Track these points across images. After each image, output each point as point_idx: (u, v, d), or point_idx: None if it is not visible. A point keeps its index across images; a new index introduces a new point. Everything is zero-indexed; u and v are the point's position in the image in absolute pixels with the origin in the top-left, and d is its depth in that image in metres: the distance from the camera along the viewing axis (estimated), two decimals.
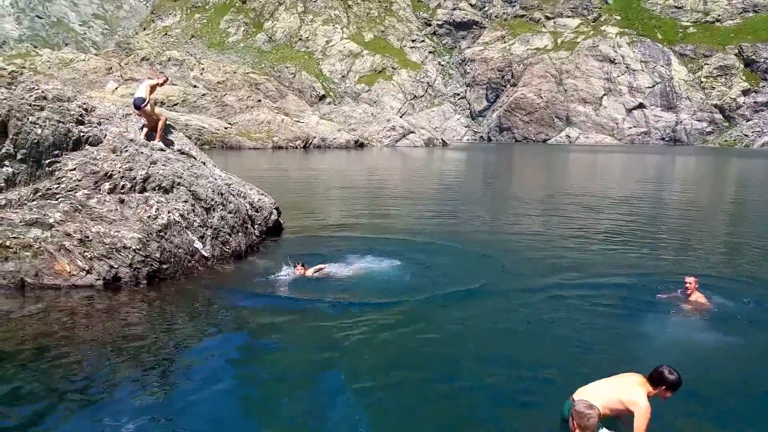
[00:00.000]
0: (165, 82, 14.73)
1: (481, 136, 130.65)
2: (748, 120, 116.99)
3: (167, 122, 14.66)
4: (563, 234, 17.31)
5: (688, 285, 10.11)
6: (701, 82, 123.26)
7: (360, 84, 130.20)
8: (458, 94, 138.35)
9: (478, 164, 56.21)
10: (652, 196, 29.09)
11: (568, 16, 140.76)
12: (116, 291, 10.22)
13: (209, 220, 12.80)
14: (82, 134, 11.91)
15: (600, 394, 5.65)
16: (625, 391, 5.61)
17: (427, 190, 30.67)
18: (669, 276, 12.25)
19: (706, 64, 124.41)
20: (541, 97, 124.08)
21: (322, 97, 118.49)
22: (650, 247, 15.71)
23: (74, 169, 11.42)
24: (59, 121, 11.48)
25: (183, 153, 14.35)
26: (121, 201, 11.62)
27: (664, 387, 5.58)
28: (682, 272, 12.50)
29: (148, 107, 13.67)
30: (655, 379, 5.61)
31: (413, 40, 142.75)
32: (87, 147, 11.94)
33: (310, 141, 70.37)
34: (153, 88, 13.89)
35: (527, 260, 13.91)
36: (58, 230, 10.42)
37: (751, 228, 20.33)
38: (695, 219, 21.40)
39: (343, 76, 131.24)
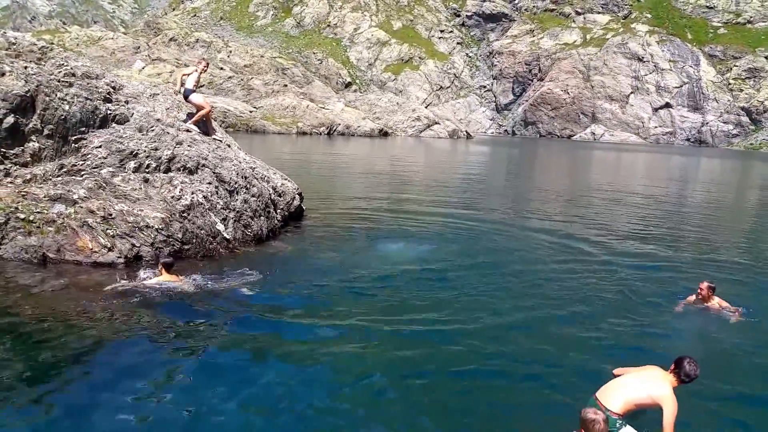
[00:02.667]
0: (206, 67, 14.74)
1: (506, 130, 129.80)
2: None
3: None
4: (584, 232, 17.10)
5: (701, 291, 9.83)
6: (729, 83, 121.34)
7: (386, 73, 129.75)
8: (484, 87, 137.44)
9: (502, 158, 55.88)
10: (676, 197, 28.71)
11: (599, 12, 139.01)
12: (137, 269, 10.22)
13: (232, 203, 12.77)
14: (109, 112, 11.90)
15: (627, 391, 5.65)
16: (654, 386, 5.60)
17: (450, 181, 30.51)
18: (688, 276, 12.13)
19: (735, 65, 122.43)
20: (568, 93, 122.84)
21: (347, 85, 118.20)
22: (672, 248, 15.47)
23: (100, 147, 11.42)
24: (87, 98, 11.47)
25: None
26: (146, 180, 11.62)
27: (689, 380, 5.68)
28: (700, 272, 12.40)
29: (194, 97, 13.91)
30: (680, 373, 5.67)
31: (441, 31, 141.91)
32: (113, 125, 11.94)
33: (334, 128, 70.30)
34: (198, 78, 14.03)
35: (546, 254, 13.90)
36: (81, 207, 10.43)
37: None
38: (719, 221, 21.08)
39: (370, 64, 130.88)
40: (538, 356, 7.93)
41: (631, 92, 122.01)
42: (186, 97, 13.99)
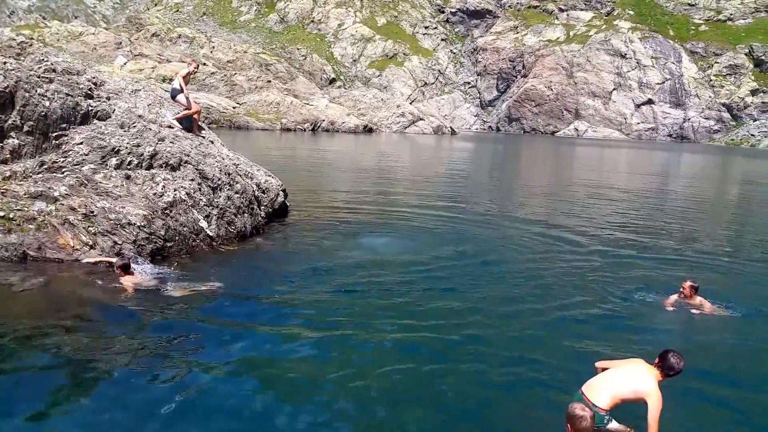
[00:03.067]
0: (197, 68, 14.76)
1: (490, 126, 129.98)
2: (755, 120, 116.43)
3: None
4: (569, 227, 17.19)
5: (683, 290, 9.88)
6: (710, 80, 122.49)
7: (371, 69, 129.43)
8: (469, 83, 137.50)
9: (486, 154, 56.04)
10: (658, 192, 28.92)
11: (582, 9, 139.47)
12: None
13: (215, 200, 12.71)
14: (90, 108, 11.79)
15: (613, 386, 5.66)
16: (639, 381, 5.61)
17: (434, 177, 30.55)
18: (671, 271, 12.27)
19: (716, 62, 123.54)
20: (552, 90, 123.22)
21: (332, 81, 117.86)
22: (656, 243, 15.57)
23: (81, 143, 11.31)
24: (68, 94, 11.36)
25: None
26: (128, 177, 11.54)
27: (674, 374, 5.66)
28: (684, 267, 12.53)
29: (182, 97, 13.89)
30: (664, 366, 5.65)
31: (426, 27, 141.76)
32: (95, 121, 11.83)
33: (318, 124, 70.08)
34: (186, 77, 14.04)
35: (531, 249, 14.00)
36: (62, 204, 10.34)
37: (755, 227, 20.18)
38: (701, 216, 21.27)
39: (354, 60, 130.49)
40: (524, 350, 7.97)
41: (614, 89, 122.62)
42: (173, 97, 14.02)
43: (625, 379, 5.67)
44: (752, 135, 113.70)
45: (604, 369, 6.05)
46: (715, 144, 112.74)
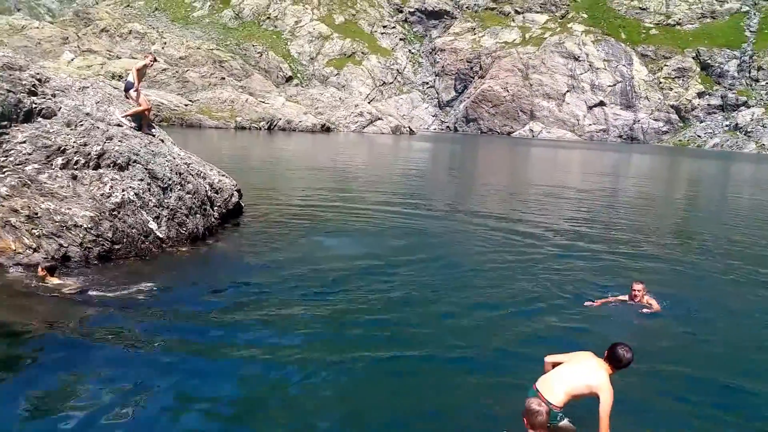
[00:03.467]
0: (153, 62, 14.42)
1: (448, 126, 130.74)
2: (701, 121, 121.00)
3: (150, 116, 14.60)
4: (523, 225, 17.29)
5: (636, 292, 9.85)
6: (660, 82, 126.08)
7: (329, 67, 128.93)
8: (427, 83, 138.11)
9: (444, 154, 56.31)
10: (610, 192, 29.39)
11: (537, 12, 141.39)
12: (65, 271, 9.79)
13: (166, 200, 12.39)
14: (34, 106, 11.35)
15: (566, 382, 5.71)
16: (591, 375, 5.64)
17: (392, 176, 30.52)
18: (621, 268, 12.61)
19: (665, 65, 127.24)
20: (508, 91, 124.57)
21: (288, 79, 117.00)
22: (606, 240, 15.76)
23: (24, 142, 10.88)
24: (9, 91, 10.90)
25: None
26: (74, 177, 11.15)
27: (623, 366, 5.69)
28: (633, 263, 12.78)
29: (133, 93, 13.66)
30: (614, 359, 5.67)
31: (384, 26, 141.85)
32: (39, 119, 11.39)
33: (274, 123, 69.44)
34: (141, 71, 13.75)
35: (485, 247, 14.14)
36: (3, 205, 9.92)
37: (703, 224, 20.63)
38: (650, 214, 21.66)
39: (312, 59, 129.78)
40: (478, 345, 8.03)
41: (568, 91, 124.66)
42: (126, 90, 13.71)
43: (578, 375, 5.70)
44: (699, 136, 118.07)
45: (554, 364, 6.07)
46: (663, 145, 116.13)
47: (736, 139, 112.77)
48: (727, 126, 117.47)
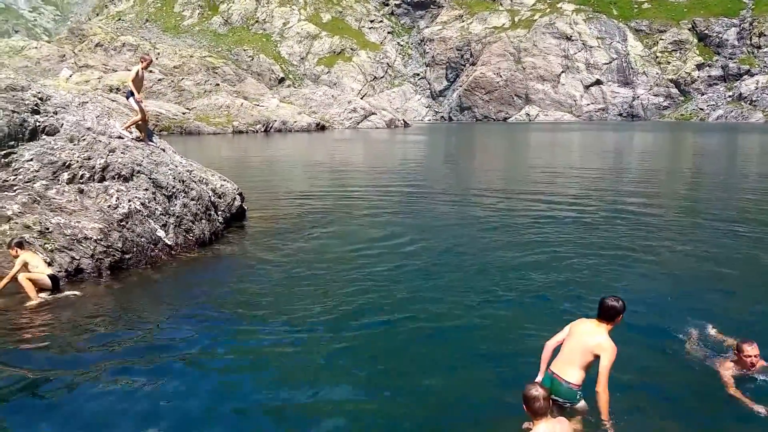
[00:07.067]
0: (149, 64, 14.58)
1: (442, 116, 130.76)
2: (702, 94, 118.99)
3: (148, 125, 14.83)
4: (532, 211, 17.50)
5: (753, 359, 6.79)
6: (657, 57, 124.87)
7: (319, 66, 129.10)
8: (418, 75, 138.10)
9: (440, 144, 56.39)
10: (619, 171, 29.54)
11: None
12: (79, 283, 10.09)
13: (171, 208, 12.69)
14: (38, 124, 11.65)
15: (576, 357, 5.69)
16: (590, 338, 5.64)
17: (391, 171, 30.64)
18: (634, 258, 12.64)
19: (661, 39, 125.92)
20: (500, 76, 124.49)
21: (281, 80, 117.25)
22: (616, 227, 15.96)
23: (31, 160, 11.19)
24: (14, 111, 11.21)
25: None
26: (81, 191, 11.45)
27: (616, 316, 5.68)
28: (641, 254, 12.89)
29: (132, 101, 13.89)
30: (608, 314, 5.67)
31: (371, 21, 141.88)
32: (44, 137, 11.69)
33: (270, 125, 69.74)
34: (136, 79, 13.94)
35: (494, 235, 14.10)
36: (17, 222, 10.23)
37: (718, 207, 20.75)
38: (663, 194, 21.80)
39: (302, 59, 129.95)
40: (487, 334, 8.13)
41: (562, 71, 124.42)
42: (127, 98, 14.00)
43: (581, 344, 5.69)
44: (701, 109, 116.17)
45: (556, 346, 6.03)
46: (665, 120, 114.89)
47: (741, 110, 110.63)
48: (730, 97, 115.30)
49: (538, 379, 5.86)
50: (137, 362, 7.29)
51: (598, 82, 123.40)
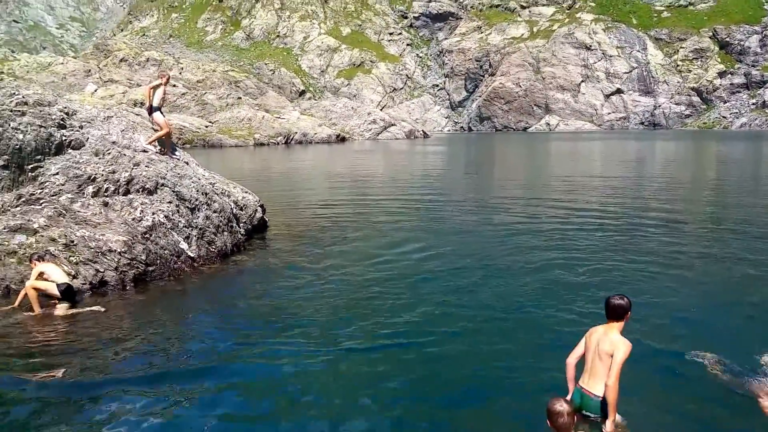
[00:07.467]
0: (167, 81, 14.72)
1: (462, 127, 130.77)
2: (725, 102, 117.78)
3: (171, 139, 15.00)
4: (552, 225, 17.42)
5: None
6: (677, 65, 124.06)
7: (339, 78, 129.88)
8: (437, 86, 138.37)
9: (460, 155, 56.28)
10: (643, 181, 29.31)
11: (543, 5, 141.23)
12: (103, 295, 10.21)
13: (194, 220, 12.81)
14: (64, 138, 11.86)
15: (597, 366, 5.63)
16: (606, 342, 5.59)
17: (411, 181, 30.62)
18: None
19: (681, 47, 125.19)
20: (520, 86, 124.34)
21: (302, 93, 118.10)
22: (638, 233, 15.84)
23: (57, 174, 11.38)
24: (41, 126, 11.43)
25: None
26: (105, 204, 11.61)
27: (623, 313, 5.66)
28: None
29: (156, 116, 14.08)
30: (616, 313, 5.66)
31: (390, 33, 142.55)
32: (69, 151, 11.90)
33: (291, 136, 70.18)
34: (154, 90, 14.08)
35: (517, 253, 13.88)
36: (42, 235, 10.40)
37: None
38: (688, 203, 21.61)
39: (322, 71, 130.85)
40: (519, 351, 8.03)
41: (582, 81, 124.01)
42: (150, 113, 14.12)
43: (601, 351, 5.60)
44: (724, 117, 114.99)
45: (578, 359, 5.96)
46: (687, 129, 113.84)
47: (765, 117, 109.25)
48: (753, 104, 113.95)
49: (569, 396, 5.78)
50: (160, 378, 7.31)
51: (618, 91, 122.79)
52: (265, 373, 7.41)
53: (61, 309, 9.32)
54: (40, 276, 9.32)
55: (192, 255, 12.27)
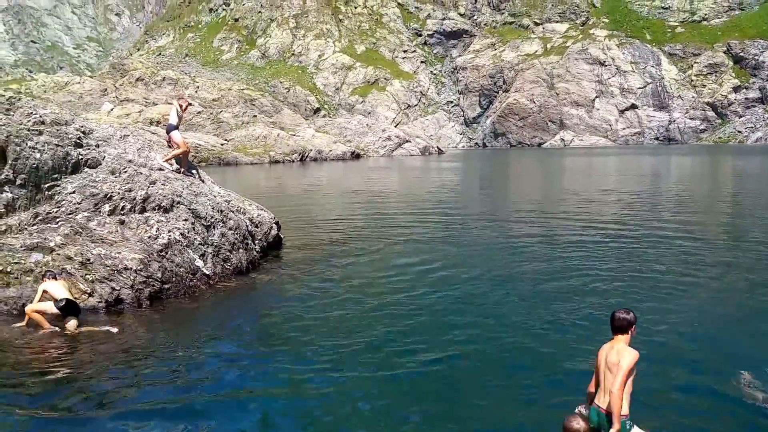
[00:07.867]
0: (186, 108, 14.95)
1: (476, 143, 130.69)
2: (740, 116, 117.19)
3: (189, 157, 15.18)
4: (567, 241, 17.31)
5: None
6: (692, 80, 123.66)
7: (354, 96, 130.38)
8: (451, 102, 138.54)
9: (475, 171, 56.22)
10: (659, 196, 29.14)
11: (557, 21, 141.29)
12: (119, 313, 10.21)
13: (210, 238, 12.82)
14: (80, 157, 11.95)
15: (612, 384, 5.51)
16: (615, 357, 5.55)
17: (426, 198, 30.56)
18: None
19: (695, 62, 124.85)
20: (534, 102, 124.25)
21: (316, 110, 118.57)
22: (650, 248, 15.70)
23: (74, 192, 11.45)
24: (58, 145, 11.52)
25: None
26: (122, 222, 11.65)
27: (628, 326, 5.70)
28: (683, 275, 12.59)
29: (173, 134, 14.25)
30: (622, 326, 5.70)
31: (405, 51, 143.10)
32: (86, 169, 11.98)
33: (306, 154, 70.48)
34: (181, 114, 14.37)
35: (532, 269, 13.84)
36: (59, 254, 10.44)
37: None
38: (699, 217, 21.43)
39: (337, 89, 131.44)
40: (530, 364, 8.02)
41: (596, 96, 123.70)
42: (168, 132, 14.27)
43: (611, 366, 5.55)
44: (739, 131, 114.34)
45: (595, 383, 5.85)
46: (703, 143, 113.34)
47: None
48: None
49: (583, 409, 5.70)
50: (175, 396, 7.30)
51: (633, 107, 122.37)
52: (283, 396, 7.35)
53: (71, 326, 9.28)
54: (44, 294, 9.32)
55: (207, 272, 12.27)
